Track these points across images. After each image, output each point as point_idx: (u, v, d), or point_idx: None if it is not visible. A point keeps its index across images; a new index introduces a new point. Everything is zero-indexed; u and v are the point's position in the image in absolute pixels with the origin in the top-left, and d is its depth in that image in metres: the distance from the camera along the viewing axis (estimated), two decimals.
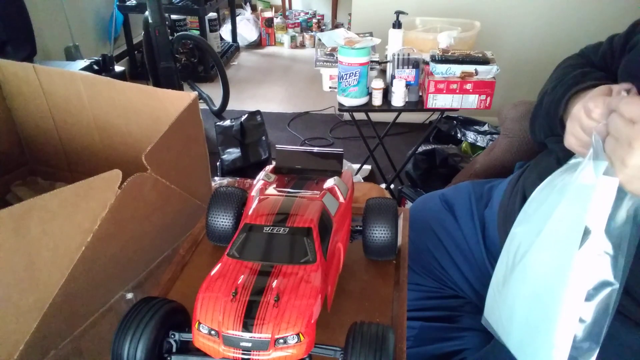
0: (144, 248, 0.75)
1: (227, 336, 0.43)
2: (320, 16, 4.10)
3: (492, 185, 0.92)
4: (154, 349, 0.45)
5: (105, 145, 1.01)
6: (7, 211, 0.56)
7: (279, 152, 0.69)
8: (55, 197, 0.59)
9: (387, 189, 1.89)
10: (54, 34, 2.43)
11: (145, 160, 0.70)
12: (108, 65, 2.13)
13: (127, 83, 0.91)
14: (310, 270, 0.48)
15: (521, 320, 0.60)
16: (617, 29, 0.74)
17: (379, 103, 1.59)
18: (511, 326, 0.62)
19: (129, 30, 3.02)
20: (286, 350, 0.43)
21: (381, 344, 0.43)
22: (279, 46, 3.98)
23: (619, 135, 0.48)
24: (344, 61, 1.50)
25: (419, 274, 0.89)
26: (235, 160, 2.05)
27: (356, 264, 0.65)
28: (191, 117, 0.83)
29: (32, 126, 1.06)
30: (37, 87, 0.99)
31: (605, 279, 0.50)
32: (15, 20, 1.78)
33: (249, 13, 3.92)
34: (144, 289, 0.73)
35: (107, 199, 0.63)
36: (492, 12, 2.29)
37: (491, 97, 1.49)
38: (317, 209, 0.55)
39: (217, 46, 3.47)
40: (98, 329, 0.66)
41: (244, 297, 0.45)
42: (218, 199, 0.64)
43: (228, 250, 0.51)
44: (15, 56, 1.74)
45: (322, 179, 0.64)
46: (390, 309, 0.58)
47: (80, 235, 0.61)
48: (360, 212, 0.64)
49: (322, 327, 0.46)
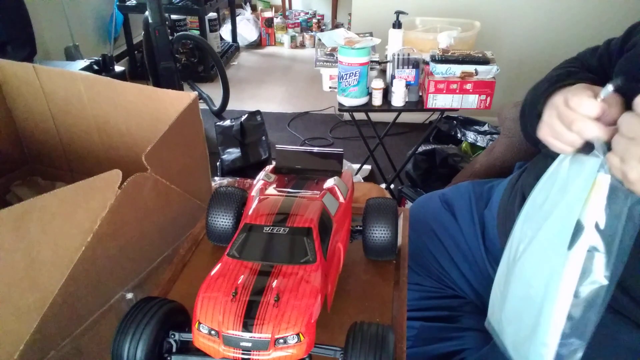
0: (144, 248, 0.75)
1: (227, 336, 0.43)
2: (320, 16, 4.10)
3: (492, 185, 0.92)
4: (154, 349, 0.46)
5: (105, 145, 1.01)
6: (7, 211, 0.56)
7: (279, 152, 0.69)
8: (55, 197, 0.59)
9: (387, 189, 1.89)
10: (54, 34, 2.43)
11: (145, 160, 0.70)
12: (108, 65, 2.13)
13: (127, 83, 0.91)
14: (310, 270, 0.48)
15: (516, 319, 0.60)
16: (617, 29, 0.74)
17: (379, 103, 1.59)
18: (508, 326, 0.62)
19: (129, 30, 3.02)
20: (286, 350, 0.43)
21: (381, 344, 0.43)
22: (279, 46, 3.98)
23: (635, 135, 0.48)
24: (344, 61, 1.50)
25: (419, 274, 0.89)
26: (235, 160, 2.05)
27: (356, 264, 0.65)
28: (191, 117, 0.83)
29: (32, 126, 1.06)
30: (37, 87, 0.99)
31: (594, 275, 0.50)
32: (15, 20, 1.78)
33: (249, 13, 3.92)
34: (144, 289, 0.72)
35: (107, 199, 0.63)
36: (492, 12, 2.29)
37: (491, 97, 1.49)
38: (317, 209, 0.55)
39: (217, 46, 3.47)
40: (98, 329, 0.66)
41: (244, 297, 0.45)
42: (218, 199, 0.64)
43: (228, 250, 0.51)
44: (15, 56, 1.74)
45: (322, 179, 0.64)
46: (390, 309, 0.58)
47: (80, 235, 0.61)
48: (360, 212, 0.64)
49: (322, 327, 0.46)
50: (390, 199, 0.65)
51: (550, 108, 0.59)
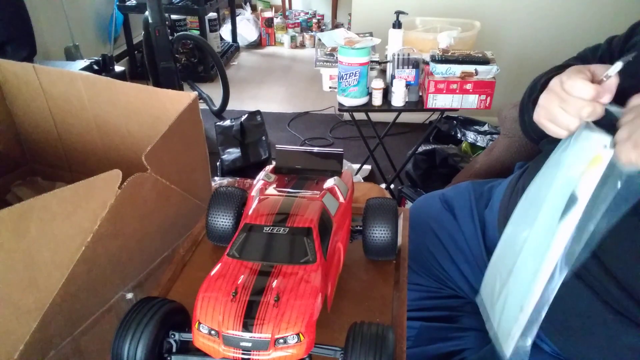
0: (144, 248, 0.75)
1: (227, 336, 0.43)
2: (320, 16, 4.10)
3: (492, 185, 0.92)
4: (154, 349, 0.46)
5: (105, 145, 1.01)
6: (7, 211, 0.56)
7: (279, 152, 0.69)
8: (55, 197, 0.59)
9: (387, 189, 1.89)
10: (54, 34, 2.43)
11: (145, 160, 0.69)
12: (108, 65, 2.13)
13: (127, 83, 0.91)
14: (310, 270, 0.48)
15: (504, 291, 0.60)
16: (617, 29, 0.74)
17: (379, 103, 1.59)
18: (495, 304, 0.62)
19: (129, 30, 3.02)
20: (286, 350, 0.43)
21: (381, 344, 0.43)
22: (279, 46, 3.98)
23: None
24: (344, 61, 1.50)
25: (419, 274, 0.89)
26: (235, 160, 2.05)
27: (356, 264, 0.65)
28: (191, 117, 0.83)
29: (32, 126, 1.06)
30: (37, 87, 0.98)
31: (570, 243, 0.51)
32: (15, 20, 1.78)
33: (249, 13, 3.92)
34: (144, 289, 0.72)
35: (107, 199, 0.63)
36: (492, 12, 2.29)
37: (491, 97, 1.49)
38: (317, 209, 0.55)
39: (217, 46, 3.47)
40: (98, 329, 0.66)
41: (244, 297, 0.45)
42: (218, 199, 0.64)
43: (228, 250, 0.51)
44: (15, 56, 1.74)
45: (322, 179, 0.64)
46: (390, 309, 0.58)
47: (80, 235, 0.61)
48: (360, 212, 0.64)
49: (322, 327, 0.46)
50: (390, 199, 0.65)
51: (547, 92, 0.60)
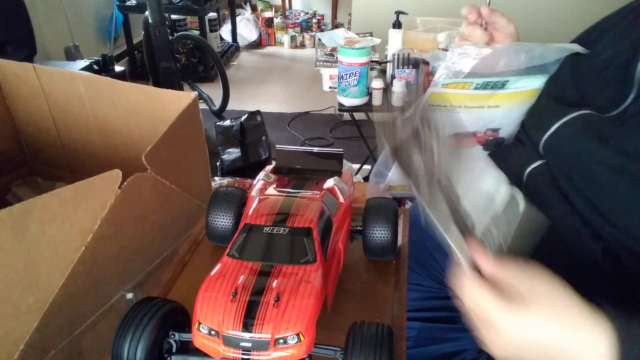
0: (144, 248, 0.75)
1: (227, 336, 0.43)
2: (320, 16, 4.10)
3: None
4: (154, 349, 0.46)
5: (105, 145, 1.01)
6: (7, 211, 0.56)
7: (279, 152, 0.69)
8: (55, 197, 0.59)
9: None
10: (54, 34, 2.43)
11: (145, 160, 0.69)
12: (108, 65, 2.13)
13: (127, 83, 0.91)
14: (310, 271, 0.48)
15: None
16: None
17: (379, 103, 1.59)
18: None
19: (129, 30, 3.02)
20: (286, 351, 0.43)
21: (381, 344, 0.43)
22: (279, 46, 3.99)
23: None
24: (344, 61, 1.50)
25: (419, 274, 0.89)
26: (235, 160, 2.05)
27: (356, 264, 0.65)
28: (191, 117, 0.83)
29: (32, 126, 1.06)
30: (37, 87, 0.98)
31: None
32: (15, 20, 1.79)
33: (249, 13, 3.92)
34: (144, 289, 0.73)
35: (107, 199, 0.63)
36: None
37: None
38: (317, 209, 0.55)
39: (217, 46, 3.47)
40: (98, 329, 0.66)
41: (244, 297, 0.45)
42: (218, 199, 0.64)
43: (228, 250, 0.51)
44: (15, 56, 1.74)
45: (322, 179, 0.64)
46: (390, 309, 0.58)
47: (80, 235, 0.61)
48: (360, 212, 0.64)
49: (322, 327, 0.46)
50: (390, 199, 0.65)
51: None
